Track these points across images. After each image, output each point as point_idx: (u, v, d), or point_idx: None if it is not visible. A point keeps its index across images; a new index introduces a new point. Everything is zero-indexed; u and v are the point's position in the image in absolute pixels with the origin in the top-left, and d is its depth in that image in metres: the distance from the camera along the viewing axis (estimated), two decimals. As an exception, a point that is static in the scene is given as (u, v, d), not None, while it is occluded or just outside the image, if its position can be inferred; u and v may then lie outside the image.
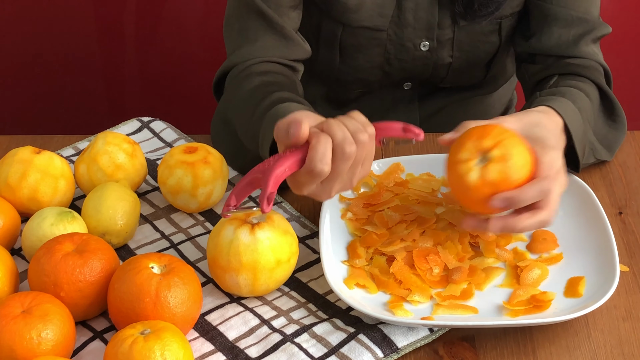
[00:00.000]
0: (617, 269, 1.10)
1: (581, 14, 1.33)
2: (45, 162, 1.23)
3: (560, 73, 1.32)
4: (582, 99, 1.24)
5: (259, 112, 1.18)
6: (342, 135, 1.03)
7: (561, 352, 1.07)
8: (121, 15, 2.17)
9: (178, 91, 2.26)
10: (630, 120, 1.38)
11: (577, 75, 1.30)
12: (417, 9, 1.36)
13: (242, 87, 1.27)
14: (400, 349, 1.06)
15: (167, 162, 1.24)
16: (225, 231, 1.10)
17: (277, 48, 1.32)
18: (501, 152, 1.08)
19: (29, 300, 1.02)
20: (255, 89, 1.24)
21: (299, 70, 1.35)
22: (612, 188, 1.30)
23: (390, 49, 1.39)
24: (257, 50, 1.31)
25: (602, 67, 1.34)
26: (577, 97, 1.24)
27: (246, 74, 1.28)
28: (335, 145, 1.02)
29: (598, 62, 1.33)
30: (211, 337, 1.08)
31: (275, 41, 1.32)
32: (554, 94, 1.24)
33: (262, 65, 1.30)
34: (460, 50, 1.40)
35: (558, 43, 1.34)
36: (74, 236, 1.10)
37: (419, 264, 1.13)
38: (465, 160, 1.09)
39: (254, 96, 1.23)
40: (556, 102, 1.20)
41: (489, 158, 1.08)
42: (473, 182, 1.08)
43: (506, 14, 1.37)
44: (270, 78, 1.26)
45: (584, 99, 1.25)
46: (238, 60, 1.31)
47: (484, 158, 1.08)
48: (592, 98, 1.28)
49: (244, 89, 1.26)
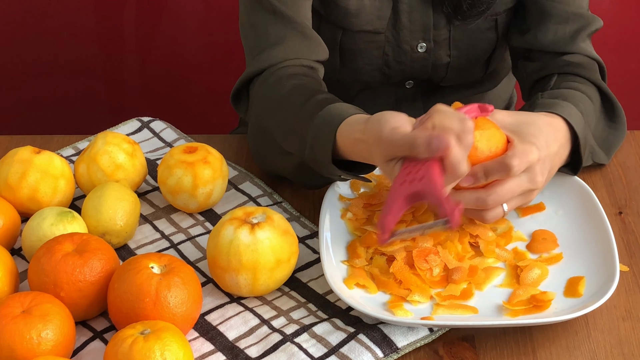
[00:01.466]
0: (617, 269, 1.10)
1: (575, 9, 1.34)
2: (45, 162, 1.23)
3: (559, 72, 1.32)
4: (584, 101, 1.24)
5: (304, 115, 1.17)
6: (458, 127, 1.03)
7: (561, 352, 1.07)
8: (121, 15, 2.17)
9: (178, 91, 2.26)
10: (630, 120, 1.39)
11: (577, 75, 1.30)
12: (412, 11, 1.36)
13: (276, 92, 1.25)
14: (400, 349, 1.06)
15: (167, 162, 1.24)
16: (225, 231, 1.10)
17: (300, 49, 1.30)
18: None
19: (29, 300, 1.03)
20: (289, 93, 1.23)
21: (321, 71, 1.33)
22: (612, 188, 1.30)
23: (389, 51, 1.39)
24: (281, 53, 1.29)
25: (596, 62, 1.34)
26: (580, 100, 1.24)
27: (276, 78, 1.26)
28: (457, 136, 1.03)
29: (593, 57, 1.34)
30: (211, 337, 1.08)
31: (297, 42, 1.30)
32: (556, 97, 1.24)
33: (290, 68, 1.28)
34: (457, 49, 1.40)
35: (554, 39, 1.34)
36: (74, 236, 1.10)
37: (419, 264, 1.13)
38: None
39: (292, 100, 1.21)
40: (559, 107, 1.20)
41: None
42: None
43: (500, 11, 1.37)
44: (300, 81, 1.25)
45: (586, 102, 1.25)
46: (262, 66, 1.29)
47: None
48: (594, 101, 1.28)
49: (278, 94, 1.24)
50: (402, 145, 1.04)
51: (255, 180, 1.32)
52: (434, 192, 1.01)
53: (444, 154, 1.02)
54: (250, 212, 1.12)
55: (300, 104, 1.19)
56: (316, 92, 1.20)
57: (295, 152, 1.20)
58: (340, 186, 1.24)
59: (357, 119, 1.11)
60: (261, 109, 1.28)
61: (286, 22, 1.30)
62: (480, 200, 1.10)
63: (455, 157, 1.02)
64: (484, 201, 1.10)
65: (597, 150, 1.29)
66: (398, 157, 1.05)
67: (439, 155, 1.02)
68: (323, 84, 1.29)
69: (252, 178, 1.32)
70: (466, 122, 1.03)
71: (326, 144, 1.13)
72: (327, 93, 1.21)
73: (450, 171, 1.03)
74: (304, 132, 1.17)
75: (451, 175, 1.03)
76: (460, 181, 1.08)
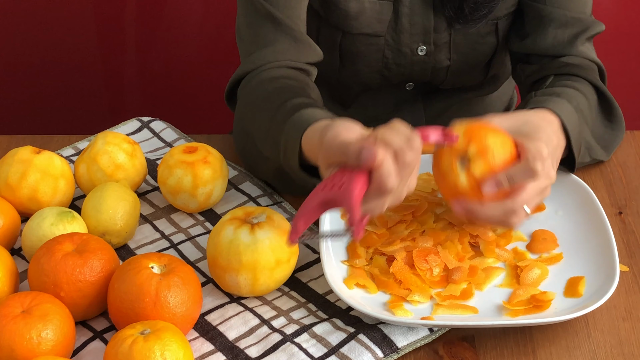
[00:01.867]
0: (617, 269, 1.10)
1: (575, 13, 1.33)
2: (45, 162, 1.23)
3: (556, 73, 1.32)
4: (578, 97, 1.24)
5: (279, 119, 1.17)
6: (399, 143, 1.01)
7: (561, 352, 1.07)
8: (121, 15, 2.17)
9: (178, 91, 2.26)
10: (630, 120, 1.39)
11: (573, 75, 1.30)
12: (413, 14, 1.36)
13: (256, 95, 1.25)
14: (400, 349, 1.06)
15: (167, 162, 1.24)
16: (225, 231, 1.10)
17: (289, 52, 1.30)
18: (477, 147, 1.08)
19: (29, 300, 1.02)
20: (268, 95, 1.23)
21: (312, 73, 1.33)
22: (612, 188, 1.30)
23: (388, 54, 1.39)
24: (269, 55, 1.29)
25: (596, 65, 1.34)
26: (573, 96, 1.24)
27: (258, 81, 1.27)
28: (395, 153, 1.01)
29: (592, 60, 1.33)
30: (211, 337, 1.08)
31: (287, 44, 1.30)
32: (549, 94, 1.24)
33: (273, 70, 1.28)
34: (457, 53, 1.40)
35: (553, 44, 1.34)
36: (73, 236, 1.10)
37: (419, 264, 1.13)
38: (448, 169, 1.10)
39: (270, 103, 1.21)
40: (551, 102, 1.20)
41: (468, 157, 1.09)
42: (464, 186, 1.09)
43: (501, 15, 1.37)
44: (281, 84, 1.25)
45: (580, 98, 1.25)
46: (251, 67, 1.30)
47: (463, 159, 1.09)
48: (590, 97, 1.28)
49: (258, 96, 1.25)
50: (336, 151, 1.03)
51: (255, 180, 1.32)
52: (348, 200, 1.00)
53: (373, 166, 1.00)
54: (251, 212, 1.12)
55: (276, 108, 1.19)
56: (294, 96, 1.20)
57: (272, 157, 1.20)
58: (340, 186, 1.24)
59: (323, 124, 1.09)
60: (243, 112, 1.28)
61: (277, 25, 1.30)
62: (508, 210, 1.09)
63: (384, 170, 1.00)
64: (512, 210, 1.09)
65: (594, 146, 1.29)
66: (335, 163, 1.04)
67: (367, 166, 1.00)
68: (310, 86, 1.28)
69: (252, 178, 1.33)
70: (412, 140, 1.01)
71: (294, 150, 1.12)
72: (305, 97, 1.20)
73: (377, 184, 1.01)
74: (277, 137, 1.17)
75: (377, 188, 1.01)
76: (484, 190, 1.08)
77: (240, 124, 1.30)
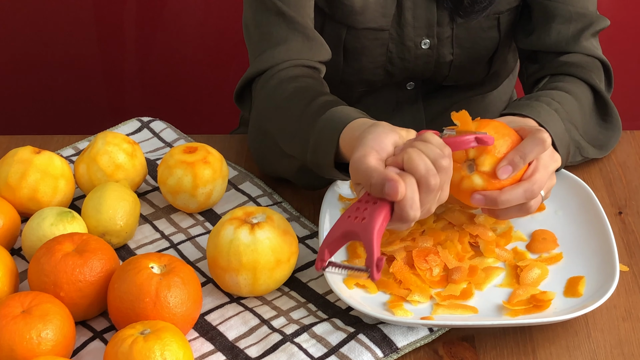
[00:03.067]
0: (617, 269, 1.10)
1: (579, 9, 1.34)
2: (45, 162, 1.23)
3: (553, 74, 1.32)
4: (563, 99, 1.24)
5: (307, 118, 1.17)
6: (424, 168, 1.01)
7: (561, 352, 1.07)
8: (121, 15, 2.17)
9: (178, 91, 2.26)
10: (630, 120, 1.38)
11: (569, 75, 1.30)
12: (416, 8, 1.36)
13: (276, 95, 1.25)
14: (400, 348, 1.06)
15: (167, 162, 1.24)
16: (225, 231, 1.10)
17: (302, 50, 1.30)
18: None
19: (28, 300, 1.03)
20: (291, 96, 1.23)
21: (322, 72, 1.33)
22: (612, 188, 1.30)
23: (392, 48, 1.39)
24: (282, 54, 1.29)
25: (601, 62, 1.34)
26: (555, 98, 1.24)
27: (277, 81, 1.26)
28: (419, 180, 1.01)
29: (597, 57, 1.34)
30: (211, 337, 1.08)
31: (300, 43, 1.30)
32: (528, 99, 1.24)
33: (290, 70, 1.28)
34: (460, 47, 1.40)
35: (557, 40, 1.34)
36: (73, 236, 1.10)
37: (419, 264, 1.13)
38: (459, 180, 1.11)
39: (293, 102, 1.21)
40: (526, 108, 1.21)
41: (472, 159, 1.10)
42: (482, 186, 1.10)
43: (502, 10, 1.37)
44: (302, 83, 1.25)
45: (566, 99, 1.25)
46: (264, 66, 1.29)
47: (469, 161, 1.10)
48: (581, 98, 1.28)
49: (279, 96, 1.24)
50: (362, 176, 1.03)
51: (255, 180, 1.32)
52: (368, 238, 1.00)
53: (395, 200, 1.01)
54: (250, 212, 1.12)
55: (302, 107, 1.19)
56: (318, 95, 1.20)
57: (297, 155, 1.20)
58: (340, 186, 1.24)
59: (360, 124, 1.10)
60: (262, 112, 1.28)
61: (289, 23, 1.30)
62: (528, 191, 1.10)
63: (406, 203, 1.00)
64: (531, 191, 1.10)
65: (585, 146, 1.29)
66: (362, 185, 1.04)
67: (389, 199, 1.01)
68: (325, 84, 1.29)
69: (252, 178, 1.33)
70: (440, 160, 1.02)
71: (329, 148, 1.13)
72: (329, 95, 1.21)
73: (399, 215, 1.01)
74: (305, 136, 1.16)
75: (399, 218, 1.02)
76: (499, 174, 1.09)
77: (257, 123, 1.30)
